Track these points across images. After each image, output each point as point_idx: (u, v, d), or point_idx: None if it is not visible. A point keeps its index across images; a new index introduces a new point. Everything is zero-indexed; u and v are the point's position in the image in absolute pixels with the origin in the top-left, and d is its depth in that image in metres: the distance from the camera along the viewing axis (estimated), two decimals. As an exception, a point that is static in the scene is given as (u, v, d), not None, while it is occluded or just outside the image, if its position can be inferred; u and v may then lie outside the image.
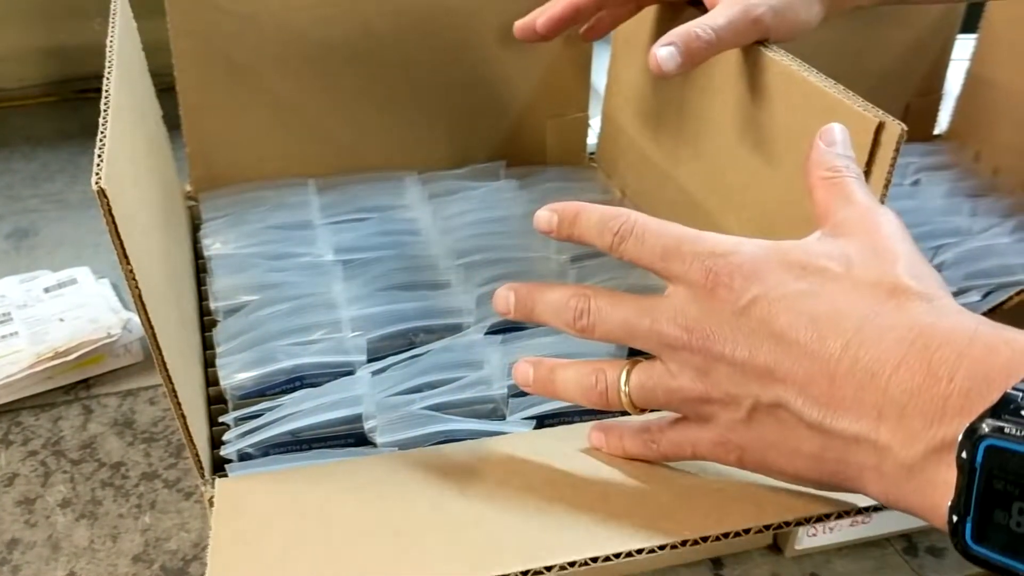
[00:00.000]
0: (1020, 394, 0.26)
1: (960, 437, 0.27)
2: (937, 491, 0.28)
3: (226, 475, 0.40)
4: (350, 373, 0.46)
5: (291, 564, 0.33)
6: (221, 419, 0.44)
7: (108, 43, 0.43)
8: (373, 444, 0.42)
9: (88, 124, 0.88)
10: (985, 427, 0.26)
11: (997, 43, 0.69)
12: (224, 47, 0.59)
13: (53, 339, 0.56)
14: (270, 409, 0.43)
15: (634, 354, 0.37)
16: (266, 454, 0.42)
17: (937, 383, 0.28)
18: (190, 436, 0.37)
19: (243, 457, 0.42)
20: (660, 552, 0.35)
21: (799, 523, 0.36)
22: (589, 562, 0.34)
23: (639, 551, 0.34)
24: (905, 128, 0.37)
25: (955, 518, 0.27)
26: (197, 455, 0.38)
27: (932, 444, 0.28)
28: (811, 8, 0.48)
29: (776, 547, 0.48)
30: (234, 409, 0.44)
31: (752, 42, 0.47)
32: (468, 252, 0.55)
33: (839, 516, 0.36)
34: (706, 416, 0.35)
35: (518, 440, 0.41)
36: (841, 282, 0.32)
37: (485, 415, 0.44)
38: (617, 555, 0.34)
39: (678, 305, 0.34)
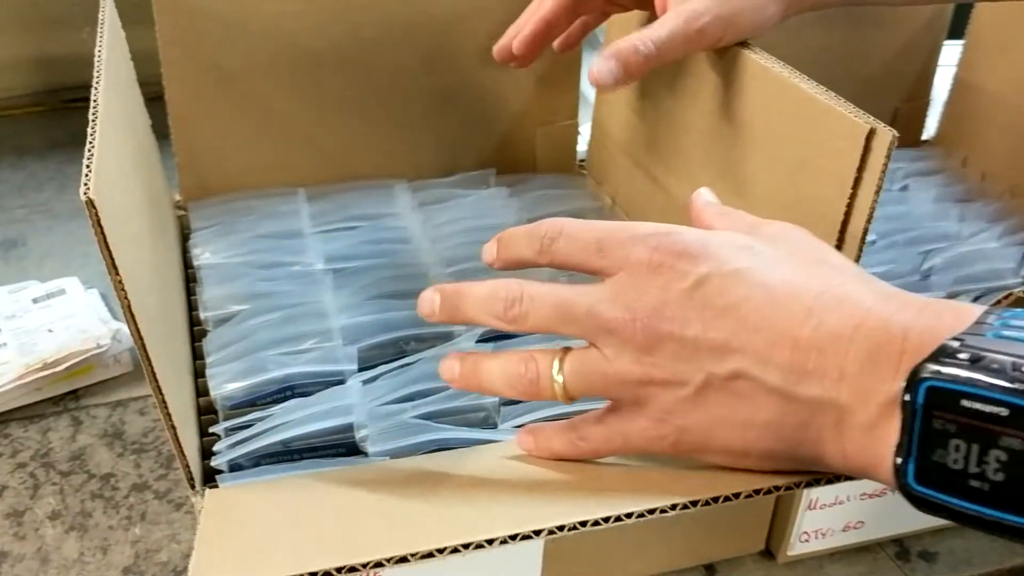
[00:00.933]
0: (958, 343, 0.28)
1: (903, 382, 0.28)
2: (887, 443, 0.29)
3: (216, 486, 0.40)
4: (341, 382, 0.46)
5: (276, 550, 0.33)
6: (211, 429, 0.43)
7: (96, 52, 0.43)
8: (365, 453, 0.42)
9: (76, 134, 0.87)
10: (926, 369, 0.28)
11: (984, 49, 0.70)
12: (213, 56, 0.59)
13: (42, 350, 0.56)
14: (261, 419, 0.43)
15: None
16: (257, 464, 0.41)
17: (893, 341, 0.30)
18: (180, 446, 0.37)
19: (234, 468, 0.41)
20: (650, 516, 0.34)
21: (788, 488, 0.36)
22: (578, 526, 0.34)
23: (628, 515, 0.34)
24: (896, 135, 0.37)
25: (899, 460, 0.29)
26: (187, 466, 0.37)
27: (888, 398, 0.29)
28: (765, 11, 0.47)
29: (769, 553, 0.48)
30: (224, 419, 0.44)
31: (701, 50, 0.48)
32: (458, 260, 0.55)
33: (829, 481, 0.36)
34: (642, 400, 0.34)
35: (510, 446, 0.41)
36: (788, 260, 0.33)
37: (477, 423, 0.44)
38: (607, 519, 0.34)
39: (618, 288, 0.33)
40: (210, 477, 0.41)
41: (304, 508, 0.36)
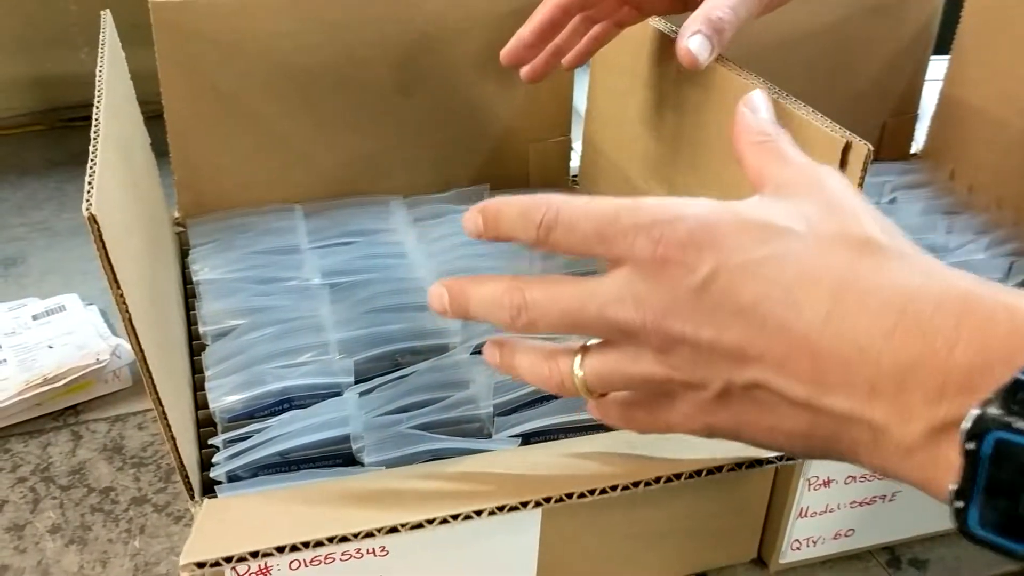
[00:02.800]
0: None
1: (966, 425, 0.25)
2: (939, 469, 0.26)
3: (215, 496, 0.40)
4: (337, 394, 0.46)
5: (270, 531, 0.34)
6: (210, 441, 0.44)
7: (98, 72, 0.44)
8: (361, 464, 0.43)
9: (75, 152, 0.89)
10: (993, 418, 0.24)
11: (969, 64, 0.71)
12: (211, 75, 0.60)
13: (42, 366, 0.56)
14: (258, 431, 0.44)
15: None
16: (255, 475, 0.42)
17: (935, 355, 0.26)
18: (180, 458, 0.37)
19: (232, 478, 0.42)
20: (655, 485, 0.36)
21: (790, 458, 0.37)
22: (564, 498, 0.35)
23: (613, 487, 0.35)
24: (871, 148, 0.38)
25: (959, 504, 0.26)
26: (187, 476, 0.38)
27: (932, 423, 0.26)
28: None
29: (761, 561, 0.48)
30: (223, 431, 0.45)
31: (762, 13, 0.46)
32: (453, 274, 0.55)
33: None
34: (670, 394, 0.32)
35: (505, 453, 0.42)
36: (806, 242, 0.29)
37: (471, 434, 0.45)
38: (592, 491, 0.34)
39: (624, 285, 0.30)
40: (209, 488, 0.42)
41: (299, 507, 0.37)
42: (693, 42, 0.44)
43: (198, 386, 0.48)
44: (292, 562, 0.37)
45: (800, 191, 0.31)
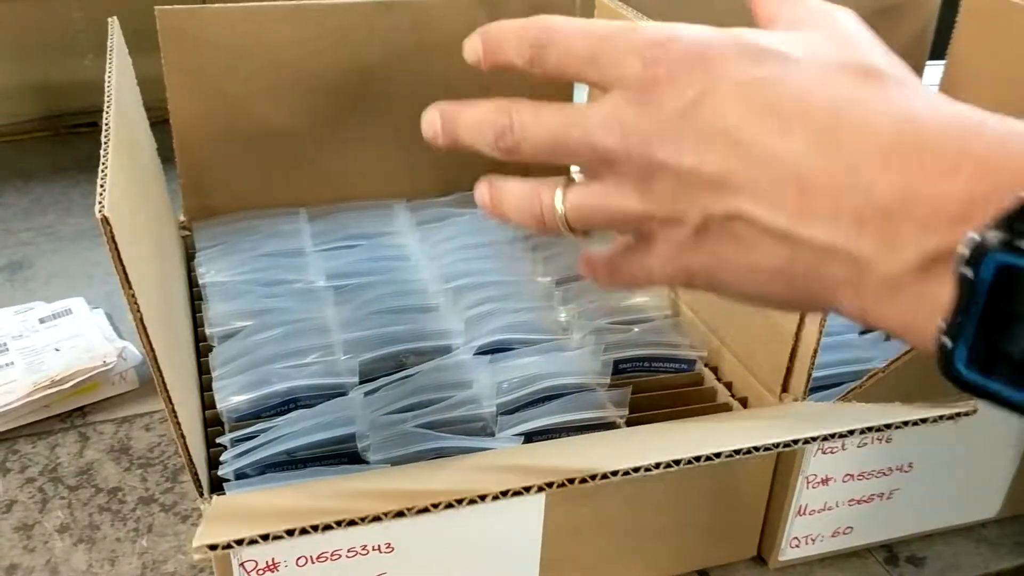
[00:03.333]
0: None
1: (964, 250, 0.22)
2: (924, 309, 0.24)
3: (224, 494, 0.41)
4: (343, 394, 0.47)
5: (279, 518, 0.35)
6: (218, 440, 0.45)
7: (107, 78, 0.45)
8: (366, 462, 0.43)
9: (80, 158, 0.90)
10: (996, 240, 0.22)
11: (963, 70, 0.72)
12: (216, 82, 0.60)
13: (49, 368, 0.57)
14: (265, 430, 0.44)
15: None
16: (262, 473, 0.43)
17: (932, 182, 0.24)
18: (189, 456, 0.38)
19: (240, 476, 0.43)
20: (672, 468, 0.36)
21: (807, 442, 0.38)
22: (567, 483, 0.36)
23: (613, 472, 0.36)
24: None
25: (947, 341, 0.23)
26: (196, 474, 0.39)
27: (923, 255, 0.24)
28: None
29: (760, 559, 0.49)
30: (230, 431, 0.45)
31: None
32: (456, 276, 0.57)
33: (840, 436, 0.38)
34: (647, 236, 0.30)
35: (508, 449, 0.43)
36: (805, 67, 0.27)
37: (475, 433, 0.46)
38: (594, 476, 0.35)
39: (612, 110, 0.29)
40: (217, 486, 0.42)
41: (306, 499, 0.37)
42: None
43: (205, 387, 0.49)
44: (299, 559, 0.38)
45: (808, 26, 0.29)
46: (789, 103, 0.26)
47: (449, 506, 0.34)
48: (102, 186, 0.35)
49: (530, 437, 0.45)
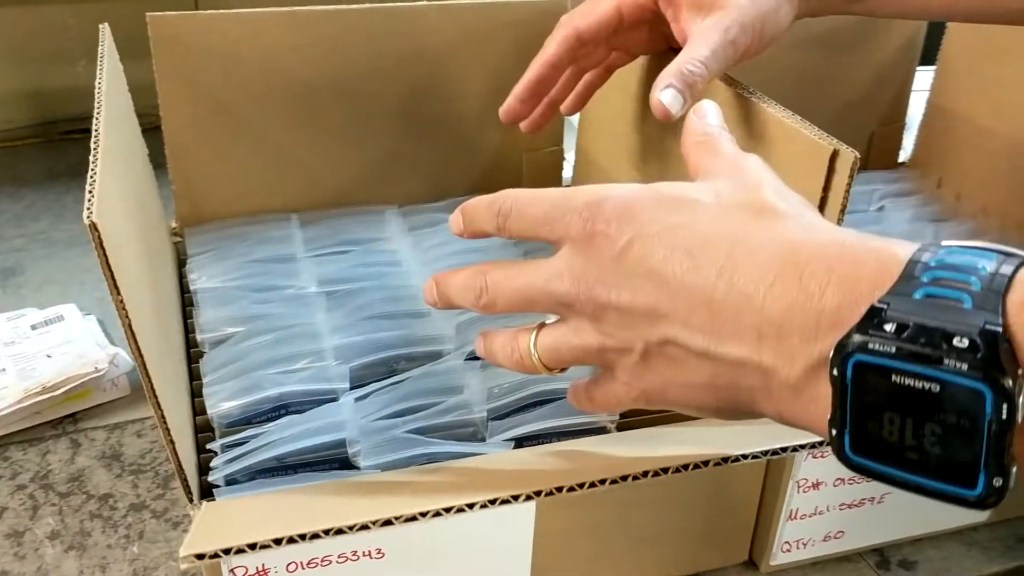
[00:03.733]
0: (885, 306, 0.26)
1: (830, 354, 0.27)
2: (820, 406, 0.29)
3: (214, 500, 0.41)
4: (334, 400, 0.47)
5: (268, 525, 0.35)
6: (208, 446, 0.45)
7: (97, 84, 0.45)
8: (357, 468, 0.43)
9: (73, 164, 0.90)
10: (853, 343, 0.27)
11: (955, 74, 0.72)
12: (208, 87, 0.60)
13: (41, 375, 0.57)
14: (256, 436, 0.44)
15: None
16: (252, 479, 0.43)
17: (810, 299, 0.28)
18: (179, 461, 0.38)
19: (230, 482, 0.42)
20: (663, 476, 0.37)
21: (795, 449, 0.39)
22: (555, 491, 0.37)
23: (602, 481, 0.37)
24: (858, 155, 0.39)
25: (833, 431, 0.28)
26: (185, 480, 0.39)
27: (810, 361, 0.29)
28: (779, 13, 0.49)
29: (752, 563, 0.49)
30: (221, 437, 0.45)
31: (736, 63, 0.48)
32: (448, 282, 0.57)
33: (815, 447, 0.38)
34: (609, 365, 0.35)
35: (497, 455, 0.43)
36: (711, 210, 0.33)
37: (466, 438, 0.46)
38: (581, 485, 0.36)
39: (564, 261, 0.34)
40: (207, 493, 0.42)
41: (295, 506, 0.37)
42: (666, 96, 0.46)
43: (196, 393, 0.49)
44: (289, 564, 0.38)
45: (721, 174, 0.35)
46: (697, 242, 0.31)
47: (437, 515, 0.34)
48: (91, 192, 0.35)
49: (521, 442, 0.45)
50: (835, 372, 0.27)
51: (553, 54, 0.53)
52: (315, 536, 0.34)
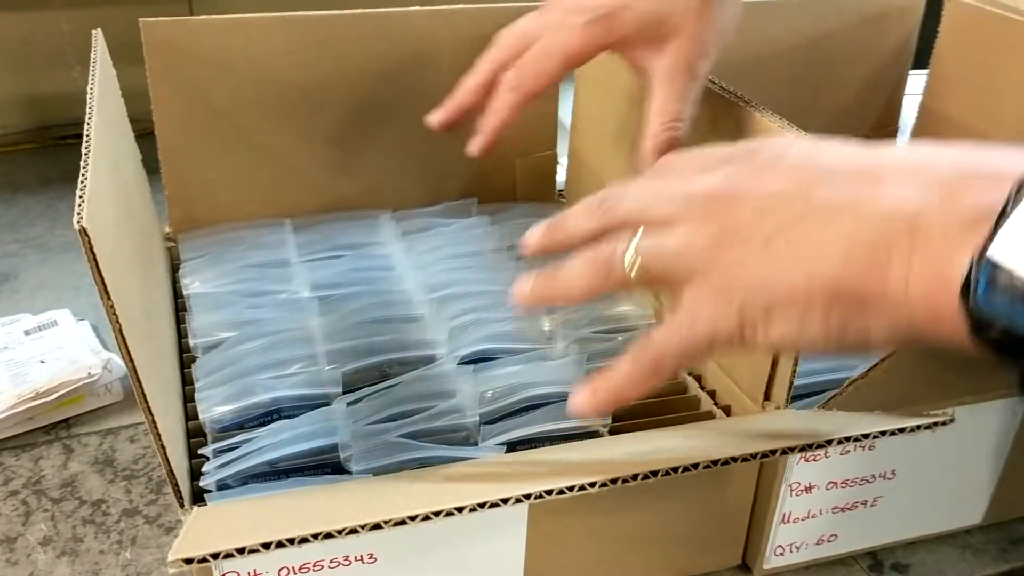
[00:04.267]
0: None
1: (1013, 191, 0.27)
2: (958, 264, 0.27)
3: (206, 505, 0.41)
4: (326, 404, 0.47)
5: (257, 530, 0.35)
6: (200, 451, 0.45)
7: (89, 90, 0.45)
8: (349, 472, 0.43)
9: (68, 170, 0.89)
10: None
11: (947, 79, 0.72)
12: (202, 93, 0.60)
13: (34, 380, 0.57)
14: (248, 441, 0.44)
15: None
16: (244, 484, 0.43)
17: (981, 166, 0.29)
18: (170, 467, 0.38)
19: (222, 487, 0.42)
20: (654, 478, 0.37)
21: (785, 451, 0.39)
22: (544, 494, 0.37)
23: (591, 484, 0.36)
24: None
25: (973, 270, 0.27)
26: (177, 485, 0.39)
27: (976, 210, 0.27)
28: (727, 18, 0.48)
29: (745, 566, 0.49)
30: (213, 441, 0.45)
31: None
32: (440, 286, 0.57)
33: (820, 446, 0.39)
34: (710, 266, 0.33)
35: (489, 459, 0.43)
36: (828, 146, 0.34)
37: (458, 442, 0.46)
38: (571, 487, 0.36)
39: (709, 161, 0.35)
40: (199, 498, 0.42)
41: (286, 510, 0.37)
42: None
43: (188, 398, 0.49)
44: (281, 569, 0.38)
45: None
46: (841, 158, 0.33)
47: (427, 519, 0.34)
48: (81, 196, 0.35)
49: (513, 446, 0.45)
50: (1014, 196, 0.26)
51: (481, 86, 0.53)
52: (304, 540, 0.34)
